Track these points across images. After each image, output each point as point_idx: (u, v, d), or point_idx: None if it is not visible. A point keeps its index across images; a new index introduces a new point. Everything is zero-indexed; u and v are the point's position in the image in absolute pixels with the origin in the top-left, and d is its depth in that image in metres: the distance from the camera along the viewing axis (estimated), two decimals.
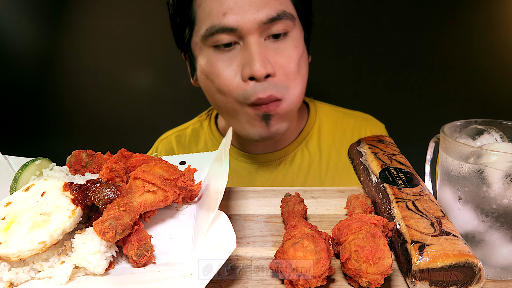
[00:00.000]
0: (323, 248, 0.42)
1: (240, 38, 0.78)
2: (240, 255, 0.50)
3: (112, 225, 0.44)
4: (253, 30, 0.77)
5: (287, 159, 0.94)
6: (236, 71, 0.79)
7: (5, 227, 0.45)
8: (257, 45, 0.77)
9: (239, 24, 0.76)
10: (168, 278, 0.44)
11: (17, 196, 0.49)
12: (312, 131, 0.96)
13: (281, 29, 0.79)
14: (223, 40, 0.78)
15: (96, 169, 0.61)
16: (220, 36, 0.78)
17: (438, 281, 0.41)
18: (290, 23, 0.80)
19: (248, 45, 0.77)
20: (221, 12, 0.77)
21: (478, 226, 0.47)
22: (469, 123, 0.54)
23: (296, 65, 0.81)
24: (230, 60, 0.79)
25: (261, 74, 0.76)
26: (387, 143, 0.66)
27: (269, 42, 0.79)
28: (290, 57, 0.80)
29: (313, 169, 0.94)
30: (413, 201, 0.50)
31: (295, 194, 0.58)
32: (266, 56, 0.78)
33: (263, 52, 0.78)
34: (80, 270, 0.45)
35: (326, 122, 0.98)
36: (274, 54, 0.79)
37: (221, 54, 0.80)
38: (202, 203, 0.57)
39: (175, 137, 1.04)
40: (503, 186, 0.44)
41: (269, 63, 0.78)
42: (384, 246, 0.41)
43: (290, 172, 0.94)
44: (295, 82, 0.82)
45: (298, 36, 0.82)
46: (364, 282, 0.42)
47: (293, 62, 0.80)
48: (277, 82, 0.79)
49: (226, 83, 0.80)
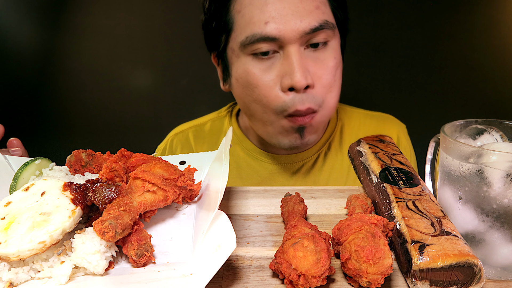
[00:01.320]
0: (323, 248, 0.42)
1: (280, 47, 0.77)
2: (240, 255, 0.50)
3: (112, 225, 0.44)
4: (295, 40, 0.76)
5: (310, 161, 0.93)
6: (275, 81, 0.78)
7: (4, 227, 0.45)
8: (298, 54, 0.76)
9: (281, 33, 0.75)
10: (168, 278, 0.44)
11: (16, 196, 0.49)
12: (335, 133, 0.96)
13: (322, 38, 0.78)
14: (262, 48, 0.77)
15: (96, 169, 0.61)
16: (260, 44, 0.77)
17: (439, 281, 0.41)
18: (331, 33, 0.79)
19: (289, 54, 0.76)
20: (262, 21, 0.75)
21: (479, 226, 0.47)
22: (469, 122, 0.54)
23: (333, 76, 0.80)
24: (269, 69, 0.78)
25: (301, 85, 0.75)
26: (387, 142, 0.66)
27: (309, 51, 0.78)
28: (328, 67, 0.79)
29: (336, 171, 0.93)
30: (413, 201, 0.50)
31: (295, 194, 0.58)
32: (306, 66, 0.77)
33: (303, 62, 0.77)
34: (80, 270, 0.45)
35: (348, 124, 0.98)
36: (313, 64, 0.78)
37: (260, 63, 0.79)
38: (202, 203, 0.57)
39: (192, 131, 1.02)
40: (504, 186, 0.44)
41: (309, 73, 0.77)
42: (384, 246, 0.41)
43: (312, 174, 0.93)
44: (331, 95, 0.81)
45: (337, 45, 0.82)
46: (364, 282, 0.41)
47: (331, 74, 0.80)
48: (315, 94, 0.79)
49: (265, 94, 0.79)
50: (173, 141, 1.03)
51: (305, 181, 0.93)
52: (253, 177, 0.94)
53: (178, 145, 1.02)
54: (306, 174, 0.94)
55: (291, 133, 0.82)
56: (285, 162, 0.93)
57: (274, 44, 0.76)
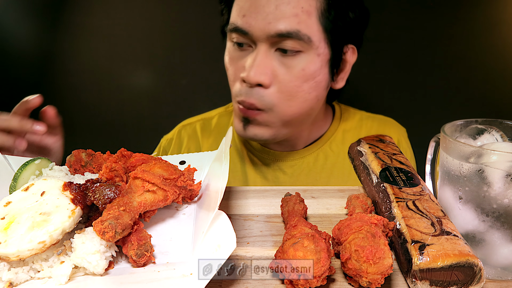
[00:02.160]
0: (323, 248, 0.42)
1: (253, 42, 0.80)
2: (240, 255, 0.50)
3: (111, 225, 0.44)
4: (262, 39, 0.78)
5: (311, 158, 0.95)
6: (240, 70, 0.82)
7: (4, 227, 0.45)
8: (263, 53, 0.79)
9: (250, 29, 0.78)
10: (168, 278, 0.44)
11: (16, 195, 0.49)
12: (337, 133, 0.97)
13: (291, 47, 0.78)
14: (238, 39, 0.82)
15: (96, 169, 0.61)
16: (236, 35, 0.81)
17: (439, 281, 0.41)
18: (304, 44, 0.78)
19: (256, 51, 0.80)
20: (242, 13, 0.79)
21: (479, 225, 0.47)
22: (469, 122, 0.54)
23: (296, 87, 0.80)
24: (240, 58, 0.83)
25: (251, 80, 0.78)
26: (388, 142, 0.66)
27: (278, 54, 0.79)
28: (293, 76, 0.79)
29: (337, 169, 0.94)
30: (413, 200, 0.50)
31: (295, 194, 0.58)
32: (267, 66, 0.78)
33: (265, 62, 0.78)
34: (79, 270, 0.45)
35: (351, 124, 0.99)
36: (278, 67, 0.79)
37: (236, 51, 0.84)
38: (202, 202, 0.57)
39: (200, 124, 1.04)
40: (504, 185, 0.44)
41: (267, 74, 0.78)
42: (385, 246, 0.41)
43: (313, 171, 0.94)
44: (289, 103, 0.81)
45: (312, 59, 0.79)
46: (365, 282, 0.41)
47: (293, 82, 0.79)
48: (266, 95, 0.80)
49: (230, 77, 0.86)
50: (181, 132, 1.05)
51: (307, 178, 0.94)
52: (256, 172, 0.95)
53: (185, 136, 1.04)
54: (308, 172, 0.94)
55: (238, 120, 0.86)
56: (285, 159, 0.94)
57: (246, 38, 0.80)
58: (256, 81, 0.78)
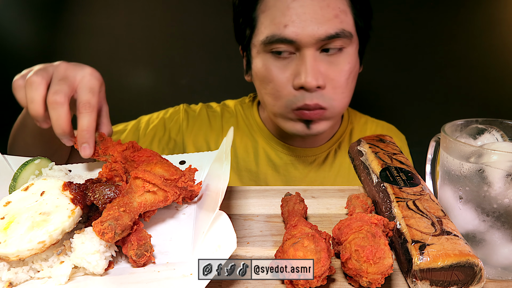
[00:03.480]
0: (324, 248, 0.42)
1: (297, 49, 0.82)
2: (240, 254, 0.50)
3: (111, 226, 0.44)
4: (310, 44, 0.81)
5: (321, 156, 0.99)
6: (289, 78, 0.83)
7: (4, 227, 0.45)
8: (312, 58, 0.81)
9: (298, 37, 0.80)
10: (168, 278, 0.44)
11: (16, 195, 0.49)
12: (345, 134, 1.02)
13: (337, 45, 0.82)
14: (280, 48, 0.83)
15: (102, 151, 0.60)
16: (279, 45, 0.82)
17: (439, 281, 0.41)
18: (347, 41, 0.83)
19: (304, 56, 0.81)
20: (283, 23, 0.81)
21: (479, 225, 0.46)
22: (470, 122, 0.54)
23: (345, 80, 0.85)
24: (285, 67, 0.84)
25: (311, 85, 0.81)
26: (388, 142, 0.66)
27: (324, 55, 0.83)
28: (341, 71, 0.84)
29: (344, 169, 0.99)
30: (413, 200, 0.50)
31: (295, 194, 0.58)
32: (319, 69, 0.82)
33: (316, 65, 0.82)
34: (79, 270, 0.45)
35: (357, 127, 1.04)
36: (326, 67, 0.83)
37: (277, 61, 0.84)
38: (202, 203, 0.57)
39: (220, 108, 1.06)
40: (504, 185, 0.44)
41: (321, 75, 0.82)
42: (385, 245, 0.41)
43: (322, 169, 0.99)
44: (342, 96, 0.86)
45: (353, 52, 0.86)
46: (365, 282, 0.41)
47: (343, 77, 0.84)
48: (324, 94, 0.84)
49: (278, 89, 0.85)
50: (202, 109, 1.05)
51: (316, 174, 0.98)
52: (268, 164, 0.99)
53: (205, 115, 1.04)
54: (318, 168, 0.99)
55: (298, 123, 0.88)
56: (299, 154, 0.98)
57: (291, 46, 0.82)
58: (316, 85, 0.81)
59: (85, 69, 0.62)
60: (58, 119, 0.57)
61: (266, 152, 0.99)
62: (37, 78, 0.59)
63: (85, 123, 0.58)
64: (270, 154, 0.99)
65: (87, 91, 0.60)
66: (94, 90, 0.61)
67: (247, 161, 0.99)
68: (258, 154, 1.00)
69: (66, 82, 0.59)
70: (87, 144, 0.59)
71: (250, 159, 0.99)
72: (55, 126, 0.58)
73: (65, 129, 0.58)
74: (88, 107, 0.59)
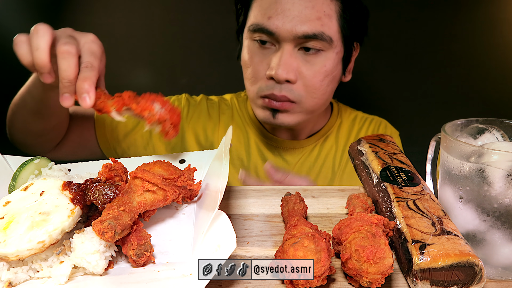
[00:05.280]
0: (324, 248, 0.42)
1: (277, 41, 0.86)
2: (240, 254, 0.50)
3: (111, 225, 0.44)
4: (288, 40, 0.84)
5: (308, 149, 1.03)
6: (265, 68, 0.88)
7: (3, 227, 0.45)
8: (288, 52, 0.85)
9: (278, 30, 0.84)
10: (168, 278, 0.43)
11: (15, 195, 0.49)
12: (333, 129, 1.05)
13: (316, 46, 0.85)
14: (263, 38, 0.87)
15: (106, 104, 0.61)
16: (261, 34, 0.87)
17: (439, 281, 0.41)
18: (326, 44, 0.86)
19: (281, 50, 0.85)
20: (267, 14, 0.85)
21: (479, 225, 0.46)
22: (470, 122, 0.54)
23: (319, 81, 0.88)
24: (264, 57, 0.88)
25: (280, 77, 0.84)
26: (388, 142, 0.66)
27: (301, 53, 0.87)
28: (315, 72, 0.87)
29: (328, 161, 1.03)
30: (414, 200, 0.50)
31: (296, 193, 0.58)
32: (292, 64, 0.85)
33: (291, 60, 0.85)
34: (79, 270, 0.45)
35: (345, 122, 1.07)
36: (301, 64, 0.86)
37: (259, 49, 0.89)
38: (202, 202, 0.57)
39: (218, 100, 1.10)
40: (504, 185, 0.44)
41: (292, 70, 0.85)
42: (385, 245, 0.41)
43: (308, 161, 1.03)
44: (312, 96, 0.89)
45: (332, 57, 0.88)
46: (365, 282, 0.41)
47: (316, 78, 0.87)
48: (294, 89, 0.87)
49: (254, 75, 0.90)
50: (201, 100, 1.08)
51: (302, 166, 1.02)
52: (259, 154, 1.03)
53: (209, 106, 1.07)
54: (304, 161, 1.03)
55: (266, 111, 0.92)
56: (287, 147, 1.02)
57: (271, 37, 0.86)
58: (284, 78, 0.84)
59: (89, 35, 0.64)
60: (67, 70, 0.58)
61: (257, 143, 1.03)
62: (43, 27, 0.60)
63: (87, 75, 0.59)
64: (260, 146, 1.03)
65: (89, 54, 0.62)
66: (96, 55, 0.63)
67: (239, 151, 1.03)
68: (249, 145, 1.04)
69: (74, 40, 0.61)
70: (87, 94, 0.59)
71: (242, 149, 1.03)
72: (63, 76, 0.58)
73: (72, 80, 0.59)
74: (90, 66, 0.60)
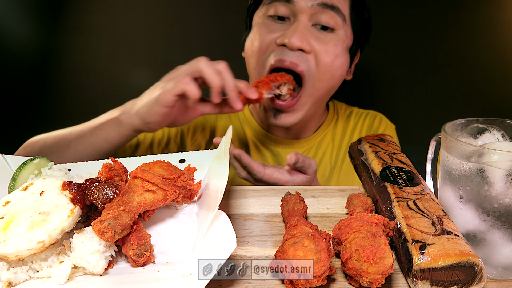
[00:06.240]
0: (324, 248, 0.42)
1: (293, 14, 0.86)
2: (240, 254, 0.50)
3: (111, 225, 0.44)
4: (306, 9, 0.84)
5: (306, 147, 1.03)
6: (275, 39, 0.87)
7: (3, 227, 0.45)
8: (303, 25, 0.85)
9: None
10: (168, 278, 0.43)
11: (15, 195, 0.49)
12: (329, 127, 1.05)
13: (330, 21, 0.86)
14: (279, 10, 0.87)
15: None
16: (277, 5, 0.86)
17: (440, 281, 0.41)
18: (340, 21, 0.87)
19: (296, 22, 0.85)
20: None
21: (480, 225, 0.46)
22: (470, 121, 0.54)
23: (330, 61, 0.87)
24: (276, 30, 0.87)
25: (294, 45, 0.83)
26: (388, 141, 0.66)
27: (315, 29, 0.87)
28: (327, 50, 0.86)
29: (326, 158, 1.03)
30: (414, 200, 0.50)
31: (296, 193, 0.58)
32: (307, 36, 0.84)
33: (306, 32, 0.85)
34: (79, 269, 0.45)
35: (341, 119, 1.07)
36: (315, 40, 0.86)
37: (272, 23, 0.88)
38: (202, 202, 0.57)
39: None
40: (505, 185, 0.44)
41: (307, 41, 0.84)
42: (385, 245, 0.41)
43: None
44: (321, 76, 0.87)
45: (342, 39, 0.88)
46: (365, 282, 0.41)
47: (328, 56, 0.86)
48: (305, 56, 0.85)
49: (262, 43, 0.88)
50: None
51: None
52: (258, 156, 1.02)
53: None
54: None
55: (269, 112, 0.91)
56: (286, 145, 1.02)
57: (288, 8, 0.86)
58: (298, 46, 0.83)
59: (220, 63, 0.77)
60: (229, 81, 0.76)
61: (255, 143, 1.04)
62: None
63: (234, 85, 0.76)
64: (259, 146, 1.04)
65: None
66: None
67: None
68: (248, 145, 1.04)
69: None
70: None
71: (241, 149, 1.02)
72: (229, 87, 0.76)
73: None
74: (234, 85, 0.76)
